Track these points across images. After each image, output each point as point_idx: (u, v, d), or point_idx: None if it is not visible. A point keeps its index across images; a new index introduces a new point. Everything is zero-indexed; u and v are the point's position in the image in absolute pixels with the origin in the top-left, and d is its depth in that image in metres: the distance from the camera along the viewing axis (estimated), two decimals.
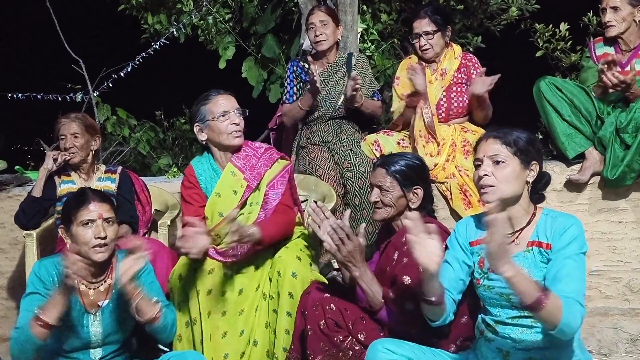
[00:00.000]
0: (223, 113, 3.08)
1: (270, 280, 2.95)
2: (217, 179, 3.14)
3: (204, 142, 3.17)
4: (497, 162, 2.32)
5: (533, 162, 2.35)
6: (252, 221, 3.06)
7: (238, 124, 3.08)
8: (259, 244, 2.94)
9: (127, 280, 2.48)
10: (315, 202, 2.81)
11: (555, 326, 2.08)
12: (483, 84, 3.60)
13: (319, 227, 2.64)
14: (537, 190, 2.41)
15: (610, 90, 3.45)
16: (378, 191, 2.78)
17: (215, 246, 3.09)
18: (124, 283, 2.49)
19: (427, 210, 2.81)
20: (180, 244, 2.79)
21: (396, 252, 2.65)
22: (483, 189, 2.33)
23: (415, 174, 2.77)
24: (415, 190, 2.75)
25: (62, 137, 3.57)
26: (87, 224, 2.59)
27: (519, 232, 2.35)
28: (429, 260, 2.19)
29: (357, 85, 3.77)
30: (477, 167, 2.38)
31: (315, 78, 3.76)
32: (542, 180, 2.41)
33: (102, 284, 2.69)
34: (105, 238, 2.59)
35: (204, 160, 3.22)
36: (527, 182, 2.35)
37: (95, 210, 2.60)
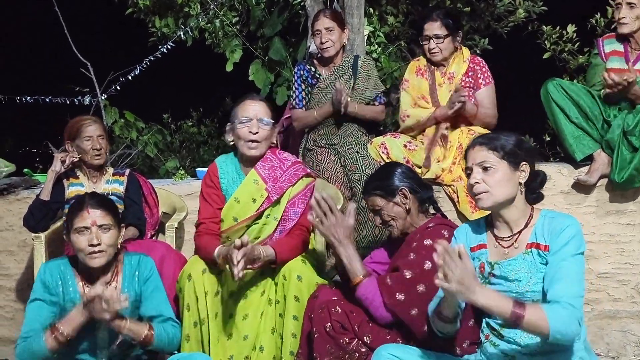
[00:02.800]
0: (244, 119, 3.06)
1: (276, 284, 2.96)
2: (239, 183, 3.12)
3: (231, 143, 3.15)
4: (486, 169, 2.33)
5: (523, 163, 2.35)
6: (267, 234, 3.06)
7: (254, 134, 3.03)
8: (272, 264, 2.94)
9: (108, 323, 2.50)
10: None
11: (547, 335, 2.10)
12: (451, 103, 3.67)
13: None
14: (533, 190, 2.41)
15: (608, 91, 3.46)
16: (376, 214, 2.84)
17: None
18: (107, 323, 2.51)
19: (434, 207, 2.84)
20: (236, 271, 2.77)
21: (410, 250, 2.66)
22: (476, 196, 2.35)
23: (390, 183, 2.79)
24: (401, 193, 2.77)
25: (88, 138, 3.55)
26: (81, 230, 2.60)
27: (517, 235, 2.35)
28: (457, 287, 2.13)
29: (341, 95, 3.76)
30: (468, 175, 2.39)
31: (341, 93, 3.75)
32: (537, 180, 2.41)
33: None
34: (98, 245, 2.59)
35: (229, 161, 3.19)
36: (520, 184, 2.35)
37: (89, 217, 2.61)
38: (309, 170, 3.26)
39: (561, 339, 2.12)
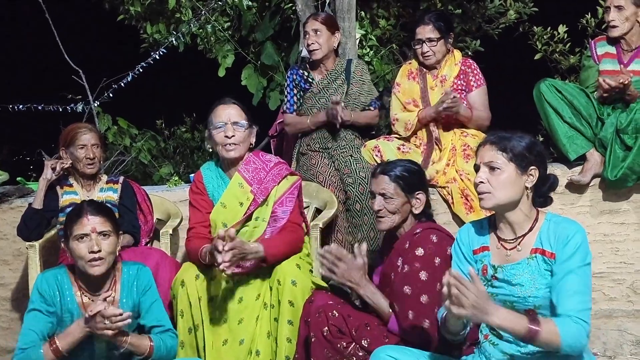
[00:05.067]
0: (219, 124, 3.10)
1: (271, 289, 2.96)
2: (224, 188, 3.15)
3: (210, 150, 3.19)
4: (493, 169, 2.32)
5: (531, 167, 2.33)
6: (257, 236, 3.06)
7: (230, 137, 3.07)
8: (263, 262, 2.94)
9: (110, 336, 2.50)
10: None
11: (558, 349, 2.11)
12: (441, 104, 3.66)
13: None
14: (542, 194, 2.39)
15: (604, 94, 3.47)
16: (381, 199, 2.78)
17: None
18: (110, 338, 2.51)
19: (426, 215, 2.82)
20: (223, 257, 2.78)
21: (399, 258, 2.66)
22: (480, 195, 2.34)
23: (416, 178, 2.79)
24: (417, 196, 2.76)
25: (82, 146, 3.53)
26: (81, 237, 2.59)
27: (521, 238, 2.35)
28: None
29: (338, 113, 3.74)
30: (477, 172, 2.39)
31: (337, 109, 3.72)
32: (546, 184, 2.39)
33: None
34: (99, 252, 2.59)
35: (213, 168, 3.23)
36: (527, 188, 2.34)
37: (88, 224, 2.60)
38: (292, 169, 3.27)
39: (571, 352, 2.15)
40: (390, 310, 2.61)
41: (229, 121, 3.09)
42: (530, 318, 2.11)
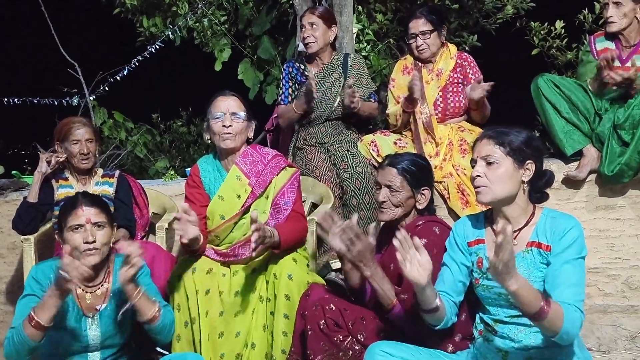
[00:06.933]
0: (217, 115, 3.10)
1: (267, 282, 2.97)
2: (221, 181, 3.16)
3: (209, 141, 3.19)
4: (490, 163, 2.33)
5: (528, 162, 2.34)
6: None
7: (227, 127, 3.08)
8: (276, 248, 2.95)
9: (125, 281, 2.50)
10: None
11: (556, 333, 2.10)
12: (481, 89, 3.65)
13: (328, 233, 2.59)
14: (538, 189, 2.39)
15: (614, 87, 3.46)
16: (387, 191, 2.76)
17: (214, 246, 3.11)
18: (123, 284, 2.51)
19: (430, 210, 2.81)
20: (176, 226, 2.81)
21: None
22: (477, 189, 2.35)
23: (423, 174, 2.79)
24: (423, 191, 2.75)
25: (75, 142, 3.51)
26: (76, 228, 2.60)
27: (517, 232, 2.35)
28: (418, 274, 2.21)
29: (355, 94, 3.75)
30: (473, 166, 2.39)
31: (311, 83, 3.74)
32: (543, 179, 2.39)
33: (99, 288, 2.70)
34: (94, 242, 2.59)
35: (210, 161, 3.24)
36: (523, 182, 2.34)
37: (83, 214, 2.60)
38: (290, 162, 3.27)
39: (566, 339, 2.14)
40: (395, 299, 2.59)
41: (227, 111, 3.10)
42: (543, 296, 2.09)
